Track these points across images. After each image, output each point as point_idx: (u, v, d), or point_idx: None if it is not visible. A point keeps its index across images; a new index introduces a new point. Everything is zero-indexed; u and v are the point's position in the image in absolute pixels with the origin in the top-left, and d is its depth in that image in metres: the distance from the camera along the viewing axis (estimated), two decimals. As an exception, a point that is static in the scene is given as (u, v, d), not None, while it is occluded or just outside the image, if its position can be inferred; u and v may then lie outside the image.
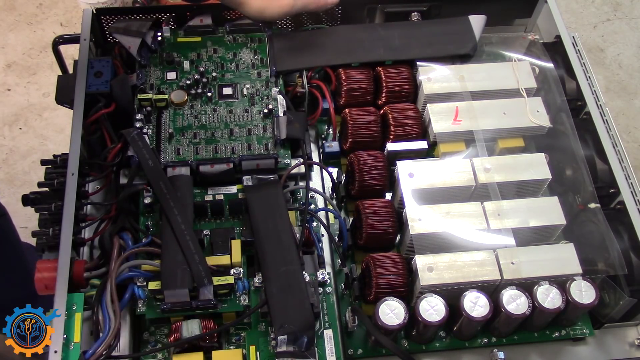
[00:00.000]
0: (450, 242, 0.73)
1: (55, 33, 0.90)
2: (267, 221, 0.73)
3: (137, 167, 0.76)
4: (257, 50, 0.88)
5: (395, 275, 0.71)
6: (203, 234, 0.74)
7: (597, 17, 1.90)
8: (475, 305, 0.68)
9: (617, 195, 0.79)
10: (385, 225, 0.75)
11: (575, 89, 0.88)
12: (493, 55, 0.90)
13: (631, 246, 0.76)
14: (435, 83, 0.84)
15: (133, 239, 0.73)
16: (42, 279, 0.69)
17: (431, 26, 0.90)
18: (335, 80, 0.87)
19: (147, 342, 0.72)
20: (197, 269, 0.68)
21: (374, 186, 0.78)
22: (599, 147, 0.82)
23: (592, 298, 0.69)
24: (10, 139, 1.69)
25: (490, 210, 0.74)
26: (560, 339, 0.75)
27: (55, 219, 0.74)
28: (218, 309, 0.69)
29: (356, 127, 0.82)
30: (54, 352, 0.64)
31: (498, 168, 0.77)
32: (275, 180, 0.77)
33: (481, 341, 0.73)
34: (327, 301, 0.71)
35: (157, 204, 0.75)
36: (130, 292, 0.69)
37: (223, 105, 0.83)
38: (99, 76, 0.82)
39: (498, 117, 0.82)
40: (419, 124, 0.82)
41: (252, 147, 0.80)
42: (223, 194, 0.77)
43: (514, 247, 0.73)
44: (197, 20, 0.89)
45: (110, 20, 0.91)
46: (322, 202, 0.81)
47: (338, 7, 0.94)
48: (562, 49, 0.91)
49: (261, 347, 0.69)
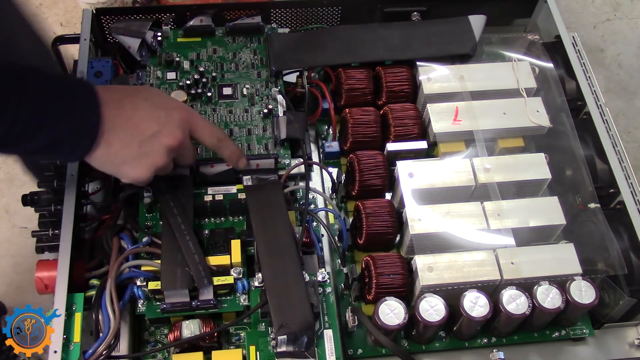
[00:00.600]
0: (450, 242, 0.73)
1: (55, 33, 0.90)
2: (267, 221, 0.73)
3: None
4: (257, 50, 0.88)
5: (395, 275, 0.71)
6: (203, 234, 0.74)
7: (597, 17, 1.90)
8: (475, 305, 0.68)
9: (617, 195, 0.79)
10: (385, 225, 0.75)
11: (575, 89, 0.88)
12: (493, 55, 0.90)
13: (631, 246, 0.76)
14: (435, 83, 0.84)
15: (133, 239, 0.73)
16: (42, 279, 0.69)
17: (431, 26, 0.90)
18: (335, 80, 0.87)
19: (147, 342, 0.72)
20: (197, 269, 0.68)
21: (374, 186, 0.78)
22: (599, 147, 0.82)
23: (592, 298, 0.69)
24: (10, 139, 1.69)
25: (490, 210, 0.74)
26: (560, 339, 0.75)
27: (55, 219, 0.74)
28: (218, 309, 0.69)
29: (356, 127, 0.82)
30: (54, 352, 0.64)
31: (498, 168, 0.77)
32: (275, 180, 0.77)
33: (481, 341, 0.73)
34: (327, 301, 0.71)
35: (157, 204, 0.75)
36: (130, 292, 0.69)
37: (223, 105, 0.83)
38: (99, 76, 0.82)
39: (498, 117, 0.82)
40: (419, 124, 0.82)
41: (252, 147, 0.80)
42: (223, 194, 0.77)
43: (514, 247, 0.73)
44: (197, 20, 0.89)
45: (110, 20, 0.91)
46: (322, 202, 0.81)
47: (338, 7, 0.94)
48: (562, 49, 0.91)
49: (261, 347, 0.69)
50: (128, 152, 0.65)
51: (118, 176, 0.68)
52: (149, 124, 0.66)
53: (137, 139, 0.65)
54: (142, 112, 0.66)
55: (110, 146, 0.64)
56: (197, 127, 0.70)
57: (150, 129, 0.66)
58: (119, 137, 0.64)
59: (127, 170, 0.67)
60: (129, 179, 0.68)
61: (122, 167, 0.66)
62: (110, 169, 0.67)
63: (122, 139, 0.64)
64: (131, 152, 0.65)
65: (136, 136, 0.65)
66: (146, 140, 0.65)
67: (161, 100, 0.69)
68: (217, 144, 0.73)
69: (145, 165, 0.66)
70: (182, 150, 0.69)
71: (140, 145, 0.65)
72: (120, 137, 0.64)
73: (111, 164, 0.66)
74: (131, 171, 0.67)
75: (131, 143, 0.65)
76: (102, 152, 0.64)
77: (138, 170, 0.67)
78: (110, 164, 0.66)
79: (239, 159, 0.75)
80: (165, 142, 0.66)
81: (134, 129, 0.65)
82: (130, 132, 0.65)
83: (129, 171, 0.67)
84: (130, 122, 0.65)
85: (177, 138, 0.67)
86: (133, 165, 0.66)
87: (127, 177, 0.68)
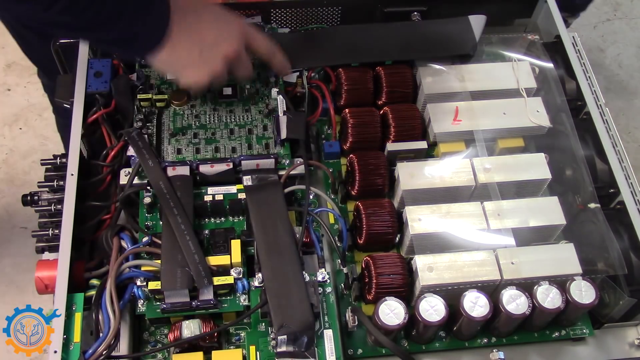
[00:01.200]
0: (450, 242, 0.73)
1: (55, 33, 0.91)
2: (267, 221, 0.73)
3: (137, 167, 0.76)
4: (257, 50, 0.88)
5: (395, 275, 0.71)
6: (203, 234, 0.74)
7: (597, 17, 1.90)
8: (475, 305, 0.68)
9: (617, 195, 0.79)
10: (385, 225, 0.75)
11: (575, 89, 0.88)
12: (493, 55, 0.90)
13: (631, 246, 0.76)
14: (435, 83, 0.84)
15: (133, 239, 0.73)
16: (42, 278, 0.69)
17: (431, 26, 0.90)
18: (335, 80, 0.87)
19: (147, 342, 0.72)
20: (197, 269, 0.68)
21: (374, 186, 0.78)
22: (599, 147, 0.82)
23: (592, 298, 0.69)
24: (10, 139, 1.69)
25: (490, 210, 0.74)
26: (560, 339, 0.74)
27: (55, 219, 0.74)
28: (218, 309, 0.69)
29: (356, 127, 0.82)
30: (54, 352, 0.64)
31: (498, 168, 0.77)
32: (275, 180, 0.77)
33: (481, 341, 0.73)
34: (327, 301, 0.71)
35: (157, 204, 0.75)
36: (130, 292, 0.69)
37: (223, 105, 0.83)
38: (99, 76, 0.82)
39: (498, 117, 0.82)
40: (419, 124, 0.82)
41: (252, 147, 0.80)
42: (223, 194, 0.77)
43: (514, 247, 0.73)
44: (197, 20, 0.89)
45: (110, 20, 0.91)
46: (322, 202, 0.81)
47: (338, 7, 0.94)
48: (562, 49, 0.91)
49: (261, 347, 0.69)
50: (190, 57, 0.72)
51: (178, 78, 0.76)
52: (211, 33, 0.72)
53: (199, 46, 0.72)
54: (205, 23, 0.73)
55: (174, 50, 0.70)
56: (255, 40, 0.77)
57: (212, 38, 0.72)
58: (183, 42, 0.71)
59: (187, 74, 0.74)
60: (187, 81, 0.74)
61: (184, 71, 0.74)
62: (172, 70, 0.76)
63: (186, 45, 0.71)
64: (193, 58, 0.72)
65: (198, 43, 0.72)
66: (207, 47, 0.72)
67: (222, 13, 0.76)
68: (270, 55, 0.80)
69: (204, 70, 0.73)
70: (238, 60, 0.75)
71: (202, 51, 0.72)
72: (184, 42, 0.71)
73: (173, 66, 0.74)
74: (191, 75, 0.73)
75: (193, 49, 0.72)
76: (167, 54, 0.70)
77: (197, 74, 0.73)
78: (173, 66, 0.74)
79: (285, 70, 0.83)
80: (224, 51, 0.73)
81: (197, 37, 0.72)
82: (193, 39, 0.71)
83: (189, 74, 0.73)
84: (194, 31, 0.71)
85: (234, 48, 0.74)
86: (193, 69, 0.73)
87: (186, 80, 0.74)
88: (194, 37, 0.71)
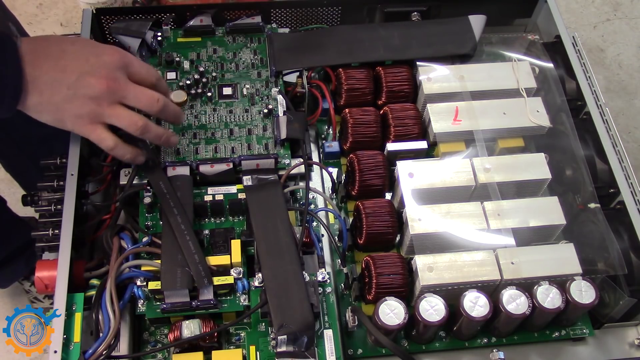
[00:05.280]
0: (450, 242, 0.73)
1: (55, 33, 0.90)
2: (267, 221, 0.73)
3: (137, 167, 0.76)
4: (257, 50, 0.88)
5: (395, 275, 0.71)
6: (203, 234, 0.74)
7: (597, 17, 1.90)
8: (475, 305, 0.68)
9: (617, 195, 0.79)
10: (385, 225, 0.75)
11: (575, 89, 0.88)
12: (493, 55, 0.90)
13: (631, 246, 0.76)
14: (435, 83, 0.84)
15: (133, 239, 0.73)
16: (42, 278, 0.69)
17: (431, 26, 0.90)
18: (335, 80, 0.87)
19: (147, 342, 0.72)
20: (197, 269, 0.68)
21: (374, 186, 0.78)
22: (599, 147, 0.82)
23: (592, 298, 0.69)
24: (10, 139, 1.68)
25: (490, 210, 0.74)
26: (560, 339, 0.75)
27: (55, 219, 0.74)
28: (218, 309, 0.69)
29: (356, 127, 0.82)
30: (54, 352, 0.64)
31: (498, 168, 0.77)
32: (275, 180, 0.77)
33: (481, 341, 0.73)
34: (327, 301, 0.71)
35: (157, 204, 0.75)
36: (130, 292, 0.69)
37: (223, 105, 0.83)
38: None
39: (498, 117, 0.82)
40: (419, 124, 0.82)
41: (252, 147, 0.80)
42: (223, 194, 0.77)
43: (514, 247, 0.73)
44: (197, 20, 0.89)
45: (110, 20, 0.91)
46: (322, 202, 0.81)
47: (338, 7, 0.94)
48: (562, 49, 0.91)
49: (261, 347, 0.69)
50: (58, 97, 0.65)
51: (59, 126, 0.69)
52: (75, 66, 0.66)
53: (66, 82, 0.66)
54: (69, 56, 0.67)
55: (41, 94, 0.65)
56: (133, 66, 0.70)
57: (77, 70, 0.66)
58: (47, 83, 0.65)
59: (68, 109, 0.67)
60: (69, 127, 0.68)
61: (57, 114, 0.67)
62: (47, 118, 0.68)
63: (51, 85, 0.65)
64: (61, 96, 0.65)
65: (64, 80, 0.65)
66: (74, 82, 0.66)
67: (90, 44, 0.70)
68: (156, 82, 0.72)
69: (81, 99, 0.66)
70: (124, 92, 0.68)
71: (69, 87, 0.66)
72: (48, 83, 0.65)
73: (47, 112, 0.67)
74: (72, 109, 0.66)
75: (60, 87, 0.65)
76: (35, 101, 0.65)
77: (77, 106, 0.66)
78: (46, 112, 0.67)
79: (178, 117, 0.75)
80: (94, 83, 0.66)
81: (61, 74, 0.66)
82: (57, 77, 0.65)
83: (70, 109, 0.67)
84: (57, 68, 0.65)
85: (108, 77, 0.66)
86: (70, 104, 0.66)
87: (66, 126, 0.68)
88: (58, 74, 0.65)
